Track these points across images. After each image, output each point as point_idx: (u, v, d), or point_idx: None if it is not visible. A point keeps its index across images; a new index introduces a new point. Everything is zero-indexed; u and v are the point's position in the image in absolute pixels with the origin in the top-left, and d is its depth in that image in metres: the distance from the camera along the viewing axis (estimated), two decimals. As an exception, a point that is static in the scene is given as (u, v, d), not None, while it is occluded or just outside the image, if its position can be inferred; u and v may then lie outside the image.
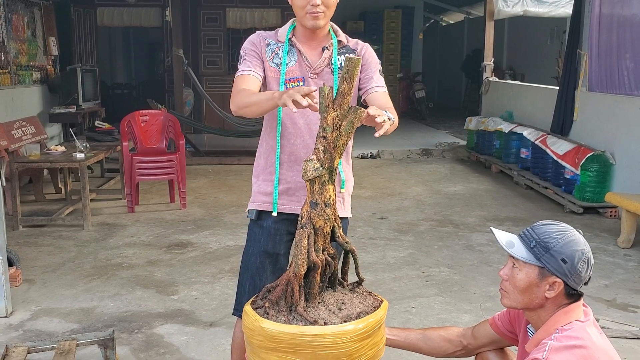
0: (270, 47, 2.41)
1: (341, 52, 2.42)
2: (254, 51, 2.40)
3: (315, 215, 2.02)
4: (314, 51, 2.41)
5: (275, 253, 2.47)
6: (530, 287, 1.94)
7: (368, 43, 2.51)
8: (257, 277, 2.46)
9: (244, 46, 2.44)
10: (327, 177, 2.02)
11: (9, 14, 7.72)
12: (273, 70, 2.39)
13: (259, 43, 2.42)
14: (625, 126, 6.29)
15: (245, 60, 2.40)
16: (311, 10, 2.27)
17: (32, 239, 5.52)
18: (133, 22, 11.68)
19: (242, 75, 2.38)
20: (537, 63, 13.24)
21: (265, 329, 1.92)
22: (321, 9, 2.27)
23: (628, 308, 4.07)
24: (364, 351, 1.97)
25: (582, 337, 1.85)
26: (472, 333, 2.35)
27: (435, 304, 4.11)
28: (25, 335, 3.64)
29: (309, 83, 2.38)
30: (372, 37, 14.82)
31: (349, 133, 2.02)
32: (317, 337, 1.88)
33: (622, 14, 6.59)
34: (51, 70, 8.99)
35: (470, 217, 6.26)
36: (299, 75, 2.38)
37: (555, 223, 1.99)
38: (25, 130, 7.24)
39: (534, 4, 10.09)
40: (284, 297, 2.00)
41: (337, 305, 2.04)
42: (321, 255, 2.03)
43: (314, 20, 2.30)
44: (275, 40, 2.42)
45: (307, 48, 2.40)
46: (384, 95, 2.46)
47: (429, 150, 10.21)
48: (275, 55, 2.40)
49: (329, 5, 2.30)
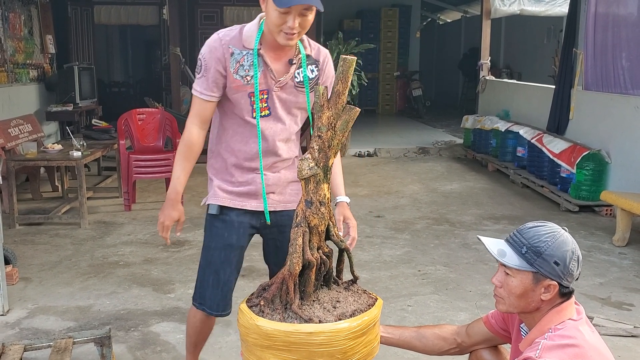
0: (235, 58, 2.28)
1: (307, 63, 2.36)
2: (215, 68, 2.27)
3: (310, 213, 2.03)
4: (279, 62, 2.32)
5: (239, 246, 2.50)
6: (526, 292, 1.95)
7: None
8: (221, 271, 2.49)
9: (205, 55, 2.29)
10: (322, 176, 2.03)
11: (6, 11, 7.70)
12: (237, 82, 2.29)
13: (222, 54, 2.27)
14: (620, 125, 6.31)
15: (205, 77, 2.29)
16: (287, 30, 2.17)
17: (29, 237, 5.53)
18: (130, 20, 11.66)
19: (198, 99, 2.35)
20: (534, 62, 13.26)
21: (261, 327, 1.93)
22: (297, 30, 2.18)
23: (622, 306, 4.09)
24: (359, 349, 1.98)
25: (575, 336, 1.87)
26: (466, 331, 2.36)
27: (431, 302, 4.13)
28: (22, 333, 3.65)
29: (272, 96, 2.33)
30: (369, 35, 14.83)
31: (343, 132, 2.03)
32: (312, 335, 1.90)
33: (617, 13, 6.61)
34: (48, 68, 8.98)
35: (466, 216, 6.28)
36: (264, 87, 2.31)
37: (541, 224, 1.98)
38: (22, 128, 7.23)
39: (530, 3, 10.12)
40: (279, 295, 2.02)
41: (332, 303, 2.06)
42: (316, 254, 2.04)
43: (287, 41, 2.21)
44: (239, 48, 2.28)
45: (273, 58, 2.31)
46: None
47: (426, 148, 10.23)
48: (240, 67, 2.28)
49: (305, 27, 2.22)
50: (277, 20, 2.16)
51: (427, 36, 18.98)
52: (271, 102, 2.34)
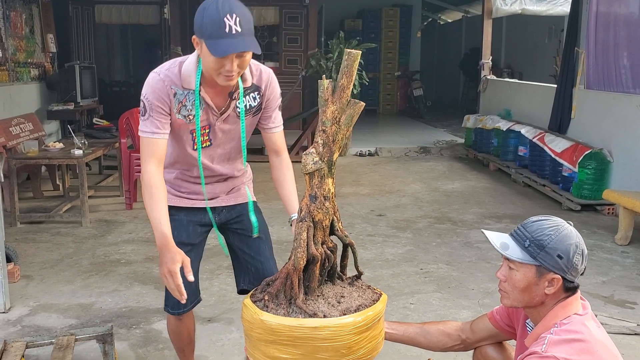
0: (177, 98, 2.24)
1: (247, 92, 2.33)
2: (161, 107, 2.23)
3: (315, 208, 2.02)
4: (219, 96, 2.29)
5: (189, 243, 2.49)
6: (529, 286, 1.94)
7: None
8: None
9: (148, 97, 2.23)
10: (327, 171, 2.02)
11: (7, 10, 7.70)
12: (180, 122, 2.29)
13: (166, 95, 2.23)
14: (622, 124, 6.30)
15: (152, 117, 2.22)
16: (226, 73, 2.12)
17: (30, 235, 5.52)
18: (131, 20, 11.65)
19: (150, 139, 2.23)
20: (535, 61, 13.25)
21: (265, 322, 1.92)
22: (236, 71, 2.13)
23: (625, 304, 4.08)
24: (363, 344, 1.97)
25: (581, 331, 1.86)
26: (470, 327, 2.35)
27: (434, 300, 4.12)
28: (24, 330, 3.64)
29: (213, 130, 2.34)
30: (370, 35, 14.83)
31: (348, 126, 2.02)
32: (317, 329, 1.89)
33: (619, 12, 6.60)
34: (49, 67, 8.97)
35: (468, 215, 6.27)
36: (206, 124, 2.31)
37: (545, 218, 1.97)
38: (23, 127, 7.23)
39: (532, 2, 10.10)
40: (283, 290, 2.01)
41: (337, 298, 2.05)
42: (320, 249, 2.03)
43: (227, 82, 2.16)
44: (181, 89, 2.24)
45: (213, 94, 2.28)
46: (280, 136, 2.52)
47: (427, 148, 10.22)
48: (183, 107, 2.25)
49: (244, 66, 2.16)
50: (215, 64, 2.10)
51: (428, 36, 18.97)
52: (213, 135, 2.36)
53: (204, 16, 2.05)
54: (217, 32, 2.02)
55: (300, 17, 11.63)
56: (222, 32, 2.01)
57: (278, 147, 2.51)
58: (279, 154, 2.52)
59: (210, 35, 2.04)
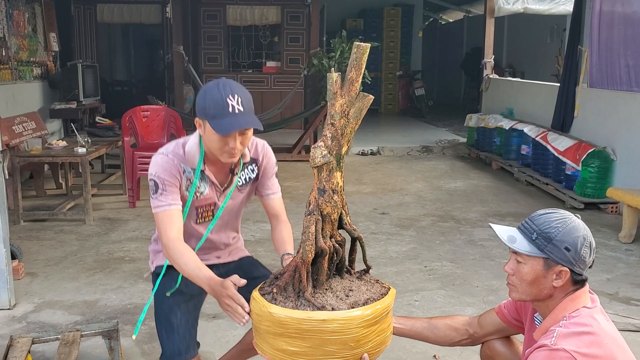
0: (186, 175, 2.33)
1: (246, 166, 2.44)
2: (172, 182, 2.29)
3: (323, 201, 2.02)
4: (221, 173, 2.40)
5: (189, 293, 2.45)
6: (537, 279, 1.93)
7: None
8: (172, 315, 2.41)
9: (159, 174, 2.28)
10: (335, 164, 2.02)
11: (10, 9, 7.70)
12: (186, 198, 2.36)
13: (176, 172, 2.30)
14: (626, 122, 6.30)
15: (165, 192, 2.27)
16: (229, 151, 2.22)
17: (34, 233, 5.52)
18: (133, 19, 11.66)
19: (167, 211, 2.26)
20: (537, 61, 13.25)
21: (273, 314, 1.92)
22: (238, 149, 2.22)
23: (630, 302, 4.08)
24: (372, 337, 1.97)
25: (590, 324, 1.85)
26: (478, 322, 2.35)
27: (438, 297, 4.12)
28: (29, 327, 3.65)
29: (218, 207, 2.42)
30: (371, 34, 14.84)
31: (357, 120, 2.02)
32: (325, 322, 1.88)
33: (622, 11, 6.60)
34: (52, 66, 8.97)
35: (471, 213, 6.27)
36: (212, 201, 2.41)
37: (553, 211, 1.97)
38: (26, 125, 7.22)
39: (534, 1, 10.10)
40: (292, 283, 2.00)
41: (345, 292, 2.04)
42: (329, 242, 2.03)
43: (230, 159, 2.25)
44: (188, 167, 2.33)
45: (216, 171, 2.38)
46: (278, 202, 2.56)
47: (429, 147, 10.22)
48: (190, 184, 2.35)
49: (245, 143, 2.25)
50: (219, 143, 2.20)
51: (430, 36, 18.98)
52: (216, 211, 2.45)
53: (206, 99, 2.17)
54: (220, 112, 2.13)
55: (302, 16, 11.65)
56: (226, 112, 2.12)
57: (277, 212, 2.54)
58: (279, 218, 2.54)
59: (214, 116, 2.14)
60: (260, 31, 12.04)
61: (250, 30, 12.04)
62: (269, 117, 9.76)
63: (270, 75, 12.00)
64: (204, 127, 2.21)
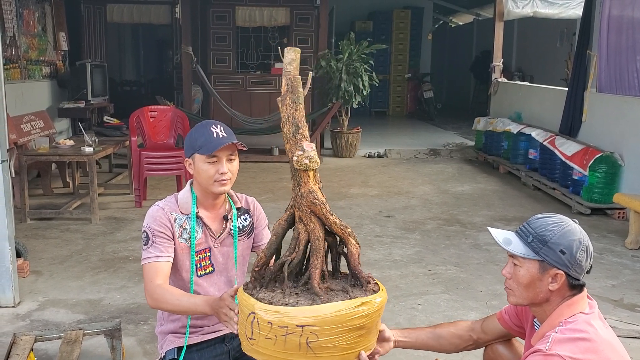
0: (178, 223, 2.39)
1: (239, 214, 2.51)
2: (163, 233, 2.36)
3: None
4: (215, 220, 2.47)
5: None
6: (533, 282, 1.93)
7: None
8: None
9: (150, 225, 2.36)
10: None
11: (20, 8, 7.76)
12: (182, 246, 2.40)
13: (167, 221, 2.37)
14: (634, 128, 6.26)
15: (155, 244, 2.34)
16: (219, 178, 2.33)
17: (40, 231, 5.55)
18: (142, 19, 11.69)
19: (153, 263, 2.33)
20: (546, 65, 13.19)
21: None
22: (228, 176, 2.35)
23: (635, 308, 4.06)
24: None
25: (586, 330, 1.84)
26: (481, 327, 2.35)
27: (442, 302, 4.11)
28: (33, 325, 3.66)
29: (214, 253, 2.45)
30: (380, 37, 14.81)
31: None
32: None
33: (632, 15, 6.57)
34: (61, 65, 9.02)
35: (477, 217, 6.25)
36: (205, 246, 2.44)
37: (550, 215, 1.98)
38: (34, 124, 7.27)
39: (544, 5, 10.05)
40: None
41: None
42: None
43: (222, 187, 2.36)
44: (180, 214, 2.40)
45: (210, 218, 2.45)
46: None
47: (437, 150, 10.19)
48: (184, 231, 2.40)
49: (234, 172, 2.39)
50: (209, 171, 2.33)
51: (439, 38, 18.93)
52: (214, 259, 2.46)
53: (192, 135, 2.38)
54: (207, 139, 2.32)
55: (311, 18, 11.64)
56: (211, 138, 2.32)
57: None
58: None
59: (201, 146, 2.32)
60: (269, 32, 12.05)
61: (259, 31, 12.05)
62: (277, 118, 9.76)
63: (278, 77, 11.98)
64: (194, 163, 2.35)
